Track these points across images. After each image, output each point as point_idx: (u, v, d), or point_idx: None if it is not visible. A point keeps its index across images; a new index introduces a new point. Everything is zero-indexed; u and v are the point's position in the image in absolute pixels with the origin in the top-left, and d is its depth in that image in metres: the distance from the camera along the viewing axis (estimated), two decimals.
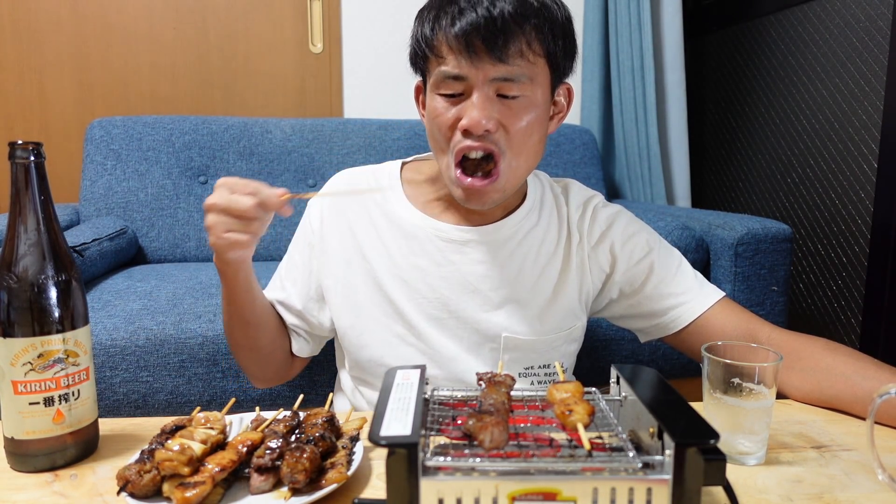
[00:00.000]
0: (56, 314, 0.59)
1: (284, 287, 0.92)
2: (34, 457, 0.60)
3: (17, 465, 0.61)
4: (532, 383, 0.88)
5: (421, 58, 0.79)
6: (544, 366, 0.88)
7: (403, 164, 0.94)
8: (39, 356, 0.59)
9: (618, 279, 0.90)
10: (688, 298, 0.87)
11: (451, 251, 0.85)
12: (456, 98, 0.76)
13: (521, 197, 0.90)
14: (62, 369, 0.60)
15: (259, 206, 0.71)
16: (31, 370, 0.58)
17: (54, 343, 0.59)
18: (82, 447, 0.63)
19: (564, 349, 0.90)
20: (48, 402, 0.59)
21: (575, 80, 0.87)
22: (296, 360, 0.96)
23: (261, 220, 0.73)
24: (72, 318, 0.61)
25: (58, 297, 0.59)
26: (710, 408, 0.64)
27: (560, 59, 0.78)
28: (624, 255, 0.89)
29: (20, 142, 0.58)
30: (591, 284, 0.90)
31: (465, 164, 0.78)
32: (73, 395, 0.61)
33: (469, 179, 0.77)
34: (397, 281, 0.86)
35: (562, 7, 0.79)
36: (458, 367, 0.86)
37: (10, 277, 0.58)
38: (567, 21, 0.79)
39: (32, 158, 0.59)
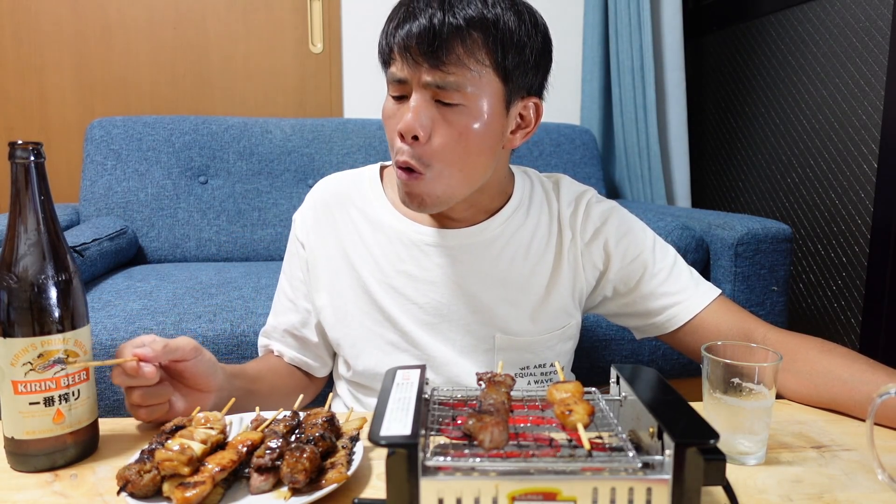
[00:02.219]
0: (56, 314, 0.59)
1: (297, 307, 0.91)
2: (34, 457, 0.60)
3: (17, 465, 0.61)
4: (529, 383, 0.88)
5: (382, 62, 0.80)
6: (540, 365, 0.88)
7: (383, 167, 0.94)
8: (39, 356, 0.59)
9: (612, 277, 0.90)
10: (683, 298, 0.87)
11: (437, 255, 0.85)
12: (400, 100, 0.77)
13: (506, 197, 0.89)
14: (62, 369, 0.60)
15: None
16: (31, 370, 0.58)
17: (54, 343, 0.59)
18: (82, 447, 0.63)
19: (560, 348, 0.90)
20: (48, 402, 0.59)
21: (575, 80, 0.87)
22: (315, 379, 0.97)
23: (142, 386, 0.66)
24: (72, 318, 0.61)
25: (58, 297, 0.59)
26: (710, 408, 0.64)
27: (512, 72, 0.75)
28: (618, 253, 0.89)
29: (20, 142, 0.58)
30: (584, 282, 0.90)
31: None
32: (74, 395, 0.61)
33: (400, 172, 0.78)
34: (386, 288, 0.85)
35: (526, 22, 0.75)
36: (453, 371, 0.85)
37: (10, 277, 0.58)
38: (527, 36, 0.75)
39: (32, 158, 0.59)
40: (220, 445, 0.60)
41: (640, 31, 2.08)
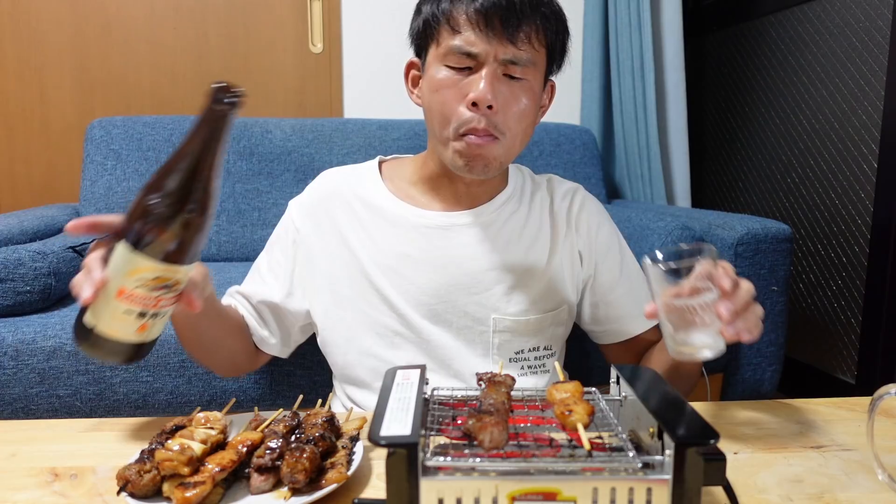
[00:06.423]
0: (187, 250, 0.60)
1: (265, 281, 0.92)
2: (100, 349, 0.61)
3: (83, 346, 0.61)
4: (522, 368, 0.90)
5: (433, 29, 0.81)
6: (534, 349, 0.90)
7: (381, 161, 0.97)
8: (155, 279, 0.59)
9: (593, 272, 0.94)
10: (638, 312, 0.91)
11: (435, 237, 0.88)
12: (463, 71, 0.79)
13: (504, 185, 0.93)
14: (165, 294, 0.61)
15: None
16: (141, 286, 0.59)
17: (174, 273, 0.60)
18: (139, 356, 0.64)
19: (552, 331, 0.92)
20: (141, 315, 0.60)
21: (575, 80, 0.91)
22: (261, 354, 0.95)
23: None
24: (193, 256, 0.62)
25: (195, 236, 0.60)
26: (664, 316, 0.66)
27: (556, 53, 0.84)
28: (600, 252, 0.93)
29: (232, 89, 0.58)
30: (579, 270, 0.93)
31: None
32: (161, 315, 0.62)
33: (473, 137, 0.79)
34: (384, 270, 0.87)
35: (562, 8, 0.85)
36: (447, 354, 0.87)
37: (166, 203, 0.58)
38: (564, 21, 0.84)
39: (232, 110, 0.59)
40: (220, 445, 0.60)
41: (640, 31, 2.08)
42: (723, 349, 0.64)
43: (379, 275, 0.87)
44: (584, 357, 1.30)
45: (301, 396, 0.74)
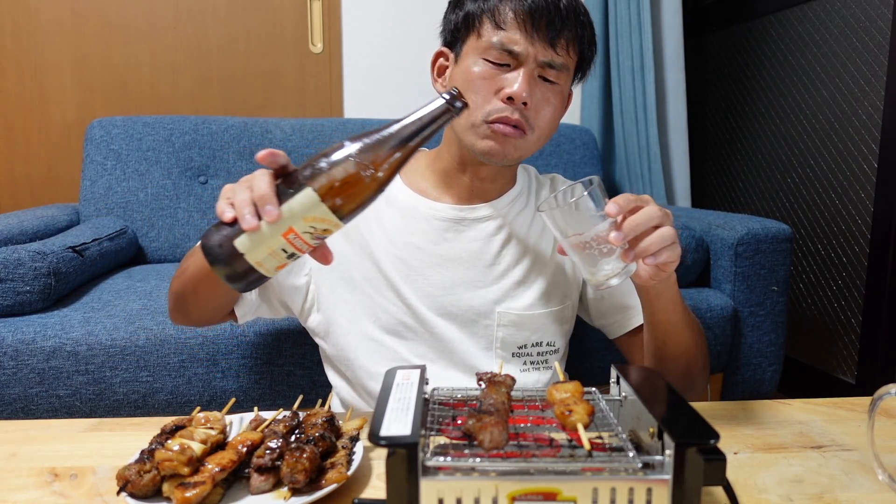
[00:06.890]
0: (357, 213, 0.61)
1: None
2: (237, 274, 0.61)
3: (219, 266, 0.61)
4: (525, 363, 0.90)
5: (475, 21, 0.83)
6: (537, 343, 0.91)
7: None
8: (324, 230, 0.60)
9: None
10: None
11: (445, 229, 0.90)
12: (501, 67, 0.81)
13: (513, 183, 0.95)
14: (317, 242, 0.62)
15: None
16: (308, 232, 0.60)
17: (337, 228, 0.61)
18: (257, 286, 0.64)
19: (556, 328, 0.93)
20: (291, 256, 0.61)
21: None
22: (227, 315, 0.94)
23: None
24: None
25: (370, 204, 0.62)
26: (571, 253, 0.68)
27: (585, 63, 0.87)
28: None
29: (462, 99, 0.62)
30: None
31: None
32: (298, 259, 0.63)
33: (501, 126, 0.81)
34: (393, 258, 0.89)
35: (592, 24, 0.88)
36: (450, 344, 0.88)
37: (369, 171, 0.59)
38: (595, 33, 0.87)
39: (459, 113, 0.62)
40: (220, 445, 0.60)
41: (640, 31, 2.08)
42: (632, 270, 0.67)
43: (387, 261, 0.89)
44: (585, 357, 1.30)
45: (301, 396, 0.74)
